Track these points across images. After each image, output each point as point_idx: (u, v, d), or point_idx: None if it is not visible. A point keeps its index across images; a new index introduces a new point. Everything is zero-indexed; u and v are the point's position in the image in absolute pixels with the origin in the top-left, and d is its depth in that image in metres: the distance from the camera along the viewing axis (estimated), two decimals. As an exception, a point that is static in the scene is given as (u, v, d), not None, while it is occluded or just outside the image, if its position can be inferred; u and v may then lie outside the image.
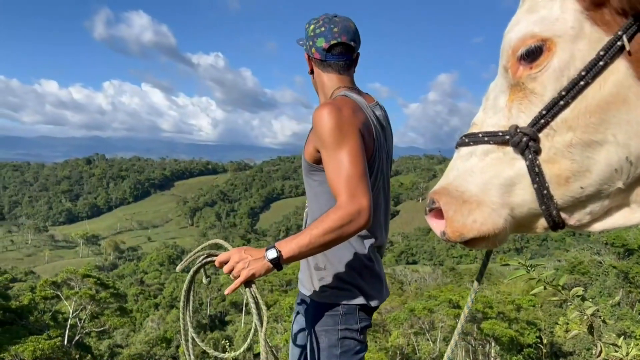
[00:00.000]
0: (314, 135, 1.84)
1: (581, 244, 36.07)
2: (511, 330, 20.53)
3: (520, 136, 0.87)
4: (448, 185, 0.95)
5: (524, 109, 0.88)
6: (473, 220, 0.91)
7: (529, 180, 0.88)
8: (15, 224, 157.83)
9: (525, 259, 2.18)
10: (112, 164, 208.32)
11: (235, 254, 1.70)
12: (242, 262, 1.69)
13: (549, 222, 0.91)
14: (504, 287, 29.99)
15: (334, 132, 1.75)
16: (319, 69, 2.01)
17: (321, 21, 1.95)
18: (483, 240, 0.94)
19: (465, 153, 0.95)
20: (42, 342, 18.42)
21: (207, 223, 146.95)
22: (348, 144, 1.75)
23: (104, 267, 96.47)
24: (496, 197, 0.90)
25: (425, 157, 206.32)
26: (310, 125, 1.91)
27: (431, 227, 1.00)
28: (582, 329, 2.22)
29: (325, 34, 1.92)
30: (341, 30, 1.92)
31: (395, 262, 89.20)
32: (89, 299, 24.18)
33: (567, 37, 0.83)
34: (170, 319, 40.74)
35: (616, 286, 24.40)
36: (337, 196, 1.73)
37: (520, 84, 0.88)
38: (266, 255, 1.68)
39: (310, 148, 1.90)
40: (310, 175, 1.96)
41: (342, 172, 1.73)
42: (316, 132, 1.80)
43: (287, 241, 1.70)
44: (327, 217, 1.69)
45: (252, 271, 1.68)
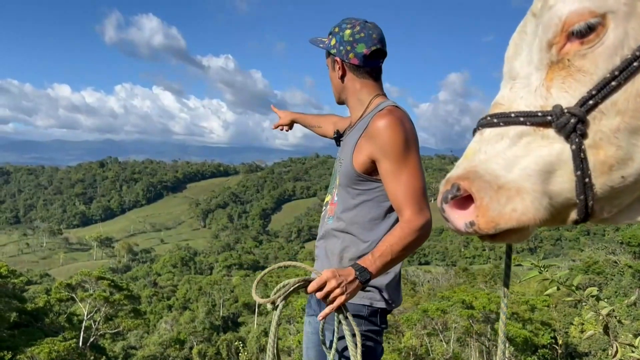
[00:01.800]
0: (373, 145, 1.85)
1: (596, 243, 35.71)
2: (525, 330, 20.37)
3: (568, 117, 0.76)
4: (476, 169, 0.82)
5: (568, 89, 0.78)
6: (512, 209, 0.78)
7: (571, 167, 0.78)
8: (30, 227, 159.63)
9: (538, 259, 2.17)
10: (124, 166, 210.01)
11: (331, 278, 1.68)
12: (340, 287, 1.67)
13: (581, 214, 0.82)
14: (517, 287, 29.78)
15: (402, 146, 1.80)
16: (353, 75, 1.99)
17: (358, 26, 1.94)
18: (516, 233, 0.82)
19: (493, 135, 0.83)
20: (57, 344, 18.62)
21: (220, 225, 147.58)
22: (412, 157, 1.82)
23: (118, 269, 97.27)
24: (537, 184, 0.78)
25: (437, 157, 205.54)
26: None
27: (449, 218, 0.84)
28: (597, 330, 2.20)
29: (365, 39, 1.92)
30: (378, 36, 1.93)
31: (408, 263, 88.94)
32: (103, 301, 24.38)
33: (621, 14, 0.74)
34: (184, 321, 40.97)
35: (632, 286, 24.11)
36: (402, 209, 1.79)
37: (566, 61, 0.78)
38: (359, 277, 1.69)
39: (364, 158, 1.89)
40: (355, 184, 1.94)
41: (408, 187, 1.79)
42: (379, 143, 1.82)
43: (371, 260, 1.72)
44: (402, 232, 1.75)
45: (349, 295, 1.68)
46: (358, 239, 1.93)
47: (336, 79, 2.03)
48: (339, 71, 2.01)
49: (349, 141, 2.00)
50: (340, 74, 2.01)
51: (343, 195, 1.99)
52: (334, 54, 1.99)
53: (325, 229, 2.05)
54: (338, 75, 2.02)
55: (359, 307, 1.91)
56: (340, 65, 2.00)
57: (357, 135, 1.94)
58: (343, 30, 1.95)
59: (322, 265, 2.02)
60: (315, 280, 1.71)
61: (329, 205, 2.09)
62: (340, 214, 1.99)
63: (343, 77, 2.02)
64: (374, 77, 1.99)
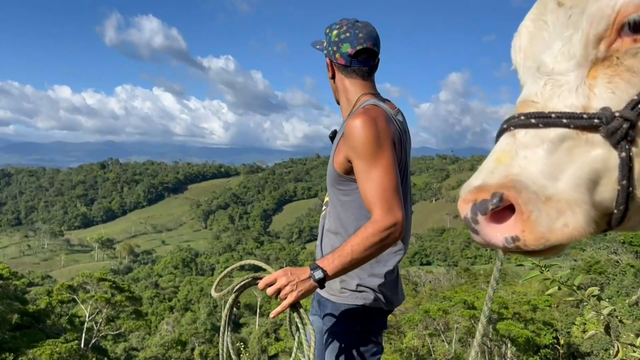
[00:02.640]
0: (347, 145, 1.83)
1: (597, 243, 35.62)
2: (527, 330, 20.35)
3: (620, 122, 0.66)
4: (520, 177, 0.69)
5: (615, 89, 0.68)
6: (564, 224, 0.68)
7: (616, 176, 0.68)
8: (31, 228, 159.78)
9: (539, 259, 2.16)
10: (126, 168, 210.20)
11: (282, 276, 1.69)
12: (290, 285, 1.67)
13: (616, 223, 0.72)
14: (519, 287, 29.75)
15: (371, 144, 1.76)
16: (342, 75, 2.00)
17: (345, 26, 1.94)
18: (559, 248, 0.72)
19: (530, 137, 0.71)
20: (59, 346, 18.63)
21: (221, 226, 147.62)
22: (384, 156, 1.77)
23: (119, 270, 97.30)
24: (586, 195, 0.68)
25: (437, 157, 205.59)
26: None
27: (483, 232, 0.69)
28: (599, 329, 2.19)
29: (350, 39, 1.91)
30: (366, 35, 1.92)
31: (409, 264, 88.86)
32: (104, 303, 24.39)
33: None
34: (185, 322, 40.98)
35: (634, 286, 24.06)
36: (372, 209, 1.75)
37: (614, 58, 0.68)
38: (313, 275, 1.68)
39: (341, 158, 1.88)
40: (338, 184, 1.94)
41: (378, 185, 1.75)
42: (351, 143, 1.80)
43: (329, 260, 1.70)
44: (366, 232, 1.70)
45: (300, 292, 1.68)
46: (344, 239, 1.88)
47: (329, 79, 2.07)
48: (330, 71, 2.04)
49: (335, 141, 2.01)
50: (330, 74, 2.04)
51: (331, 195, 2.01)
52: (325, 55, 2.02)
53: (323, 229, 2.09)
54: (329, 75, 2.05)
55: (352, 307, 1.91)
56: (330, 66, 2.03)
57: (340, 136, 1.94)
58: (332, 31, 1.97)
59: None
60: (265, 277, 1.73)
61: (325, 205, 2.12)
62: (332, 214, 2.02)
63: (333, 77, 2.04)
64: (362, 76, 1.98)
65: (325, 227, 2.05)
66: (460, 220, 34.50)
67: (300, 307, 1.77)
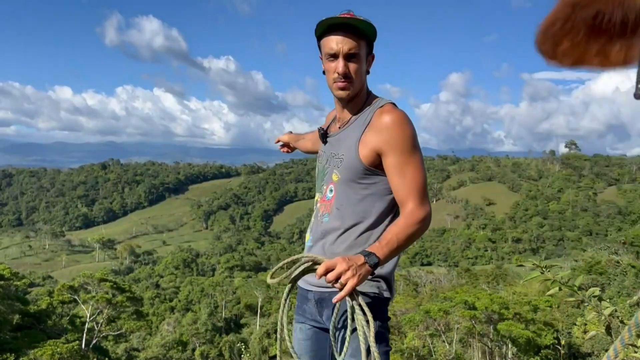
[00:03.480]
0: (381, 138, 1.87)
1: (598, 243, 35.57)
2: (528, 331, 20.32)
3: None
4: None
5: None
6: None
7: None
8: (32, 229, 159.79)
9: (540, 260, 2.17)
10: (126, 168, 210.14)
11: (341, 262, 1.67)
12: (350, 270, 1.65)
13: None
14: (520, 288, 29.72)
15: (411, 141, 1.86)
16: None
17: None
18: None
19: None
20: (60, 346, 18.61)
21: (221, 226, 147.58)
22: (418, 153, 1.89)
23: (120, 271, 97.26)
24: None
25: (438, 157, 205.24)
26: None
27: None
28: (600, 330, 2.19)
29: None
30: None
31: (410, 264, 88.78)
32: (105, 303, 24.38)
33: None
34: (186, 322, 40.96)
35: (634, 286, 24.02)
36: (406, 201, 1.85)
37: None
38: (368, 261, 1.69)
39: (369, 151, 1.90)
40: (359, 178, 1.94)
41: (412, 180, 1.85)
42: (388, 137, 1.86)
43: (378, 247, 1.74)
44: (405, 222, 1.80)
45: (360, 277, 1.67)
46: (364, 230, 1.93)
47: (364, 73, 1.95)
48: (368, 65, 1.96)
49: (348, 135, 1.97)
50: (368, 67, 1.97)
51: (344, 190, 1.96)
52: (368, 46, 1.93)
53: (324, 228, 2.00)
54: (367, 68, 1.96)
55: (369, 296, 1.93)
56: (370, 59, 1.97)
57: (360, 130, 1.93)
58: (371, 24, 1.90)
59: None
60: (324, 263, 1.70)
61: (319, 203, 2.06)
62: (342, 210, 1.96)
63: (368, 71, 1.99)
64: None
65: (330, 225, 1.98)
66: (460, 221, 34.84)
67: (357, 294, 1.77)
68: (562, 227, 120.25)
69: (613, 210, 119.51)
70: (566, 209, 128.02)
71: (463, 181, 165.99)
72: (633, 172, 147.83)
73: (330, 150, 2.04)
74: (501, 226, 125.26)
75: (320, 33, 1.90)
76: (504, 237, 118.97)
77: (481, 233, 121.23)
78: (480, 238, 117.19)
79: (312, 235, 2.06)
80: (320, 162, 2.11)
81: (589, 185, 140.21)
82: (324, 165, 2.06)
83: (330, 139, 2.07)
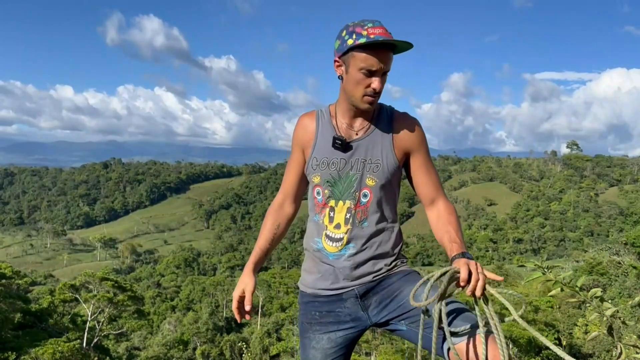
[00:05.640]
0: (411, 140, 2.00)
1: (600, 244, 35.52)
2: (529, 331, 20.33)
3: None
4: None
5: None
6: None
7: None
8: (34, 228, 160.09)
9: (542, 260, 2.16)
10: (128, 168, 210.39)
11: (474, 266, 1.71)
12: (481, 278, 1.69)
13: None
14: (521, 288, 29.69)
15: (427, 141, 2.05)
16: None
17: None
18: None
19: None
20: (61, 345, 18.64)
21: (223, 226, 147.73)
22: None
23: (122, 270, 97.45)
24: None
25: (440, 157, 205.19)
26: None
27: None
28: (601, 331, 2.19)
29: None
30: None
31: (411, 264, 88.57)
32: (106, 302, 24.40)
33: None
34: (187, 322, 41.01)
35: (636, 287, 23.99)
36: (438, 196, 2.02)
37: None
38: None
39: (400, 152, 2.01)
40: (395, 179, 2.04)
41: (437, 177, 2.05)
42: (417, 139, 2.01)
43: (463, 245, 1.87)
44: (456, 216, 1.99)
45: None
46: (393, 230, 2.06)
47: (385, 83, 1.96)
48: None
49: (376, 141, 1.99)
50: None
51: (383, 193, 2.01)
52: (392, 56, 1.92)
53: (368, 233, 2.01)
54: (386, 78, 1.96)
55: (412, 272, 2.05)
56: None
57: (388, 134, 2.00)
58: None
59: (369, 272, 2.01)
60: (463, 269, 1.70)
61: (353, 211, 2.02)
62: (382, 212, 2.03)
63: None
64: None
65: (370, 230, 2.00)
66: (462, 221, 34.62)
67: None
68: (563, 227, 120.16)
69: (614, 211, 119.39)
70: (567, 210, 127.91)
71: (464, 181, 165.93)
72: (635, 173, 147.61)
73: (355, 157, 2.01)
74: (502, 226, 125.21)
75: (355, 45, 1.85)
76: (505, 238, 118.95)
77: (482, 233, 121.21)
78: (481, 238, 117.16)
79: (354, 243, 2.02)
80: (334, 170, 2.04)
81: (590, 186, 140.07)
82: (348, 171, 2.02)
83: (355, 145, 2.02)
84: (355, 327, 2.06)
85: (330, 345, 2.09)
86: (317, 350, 2.10)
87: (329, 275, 2.05)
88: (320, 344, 2.10)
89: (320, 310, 2.10)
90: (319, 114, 2.13)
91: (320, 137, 2.08)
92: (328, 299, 2.08)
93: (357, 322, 2.06)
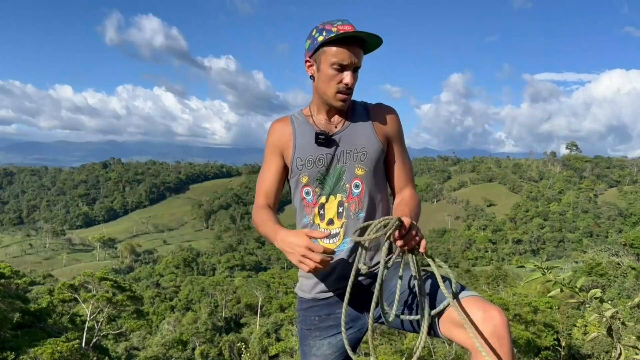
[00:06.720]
0: (393, 128, 2.04)
1: (599, 245, 35.53)
2: (528, 332, 20.31)
3: None
4: None
5: None
6: None
7: None
8: (33, 227, 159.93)
9: (541, 261, 2.17)
10: (128, 168, 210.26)
11: (416, 226, 1.73)
12: (421, 234, 1.72)
13: None
14: (520, 289, 29.71)
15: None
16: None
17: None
18: None
19: None
20: (60, 345, 18.61)
21: (222, 226, 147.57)
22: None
23: (121, 270, 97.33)
24: None
25: (439, 158, 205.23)
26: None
27: None
28: (601, 331, 2.19)
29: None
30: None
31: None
32: (106, 302, 24.38)
33: None
34: (186, 322, 40.97)
35: (635, 287, 24.02)
36: (408, 185, 2.06)
37: None
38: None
39: (383, 138, 2.02)
40: (381, 164, 2.05)
41: (411, 167, 2.09)
42: (397, 127, 2.05)
43: (411, 217, 1.75)
44: (418, 202, 1.98)
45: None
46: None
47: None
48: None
49: (358, 130, 2.00)
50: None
51: (373, 180, 1.99)
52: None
53: (361, 225, 1.92)
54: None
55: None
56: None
57: (367, 123, 2.02)
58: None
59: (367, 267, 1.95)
60: (406, 219, 1.67)
61: (345, 203, 1.99)
62: (375, 199, 2.01)
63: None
64: None
65: (366, 220, 1.96)
66: (461, 222, 34.60)
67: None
68: (562, 228, 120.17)
69: (614, 212, 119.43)
70: (567, 211, 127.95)
71: (464, 182, 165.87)
72: (634, 174, 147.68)
73: (340, 149, 1.99)
74: (502, 227, 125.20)
75: (327, 40, 1.87)
76: (504, 238, 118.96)
77: (482, 234, 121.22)
78: (480, 239, 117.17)
79: (351, 237, 1.96)
80: (322, 167, 2.01)
81: (589, 187, 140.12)
82: (335, 165, 2.00)
83: (337, 137, 2.01)
84: (355, 327, 2.05)
85: (331, 350, 2.07)
86: (318, 357, 2.08)
87: (329, 276, 2.03)
88: (321, 350, 2.08)
89: (319, 314, 2.08)
90: (292, 117, 2.12)
91: (300, 137, 2.05)
92: (327, 302, 2.07)
93: (357, 321, 2.04)
